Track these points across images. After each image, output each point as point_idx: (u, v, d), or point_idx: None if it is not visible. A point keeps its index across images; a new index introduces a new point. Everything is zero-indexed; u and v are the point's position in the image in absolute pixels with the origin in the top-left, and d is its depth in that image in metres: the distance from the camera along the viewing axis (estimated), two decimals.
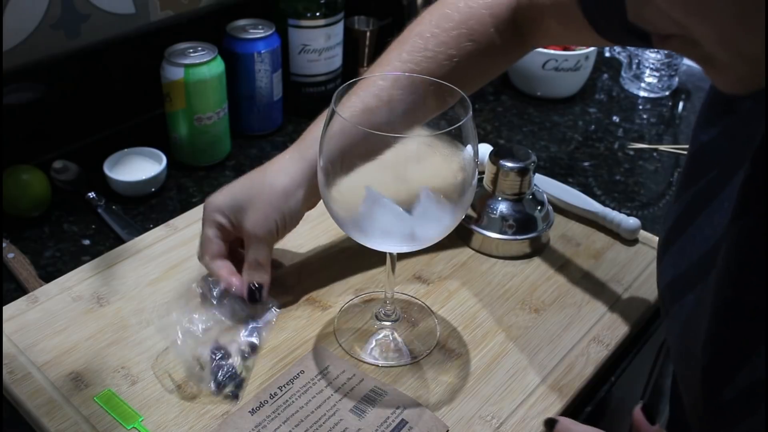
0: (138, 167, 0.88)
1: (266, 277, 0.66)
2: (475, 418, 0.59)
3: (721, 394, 0.41)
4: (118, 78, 0.95)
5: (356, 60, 1.12)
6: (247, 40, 0.92)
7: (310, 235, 0.78)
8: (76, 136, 0.94)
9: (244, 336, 0.63)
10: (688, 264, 0.46)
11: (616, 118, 1.09)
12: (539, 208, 0.78)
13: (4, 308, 0.67)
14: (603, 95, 1.16)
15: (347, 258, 0.75)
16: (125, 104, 0.98)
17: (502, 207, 0.77)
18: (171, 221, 0.80)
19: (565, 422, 0.53)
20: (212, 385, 0.59)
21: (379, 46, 1.13)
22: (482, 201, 0.77)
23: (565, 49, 1.11)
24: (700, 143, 0.48)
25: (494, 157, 0.76)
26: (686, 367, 0.46)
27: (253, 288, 0.65)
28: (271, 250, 0.66)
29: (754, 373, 0.39)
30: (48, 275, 0.74)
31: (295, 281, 0.72)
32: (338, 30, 1.01)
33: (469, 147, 0.54)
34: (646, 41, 0.44)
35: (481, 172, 0.81)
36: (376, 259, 0.75)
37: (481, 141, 0.95)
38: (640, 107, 1.13)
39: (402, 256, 0.75)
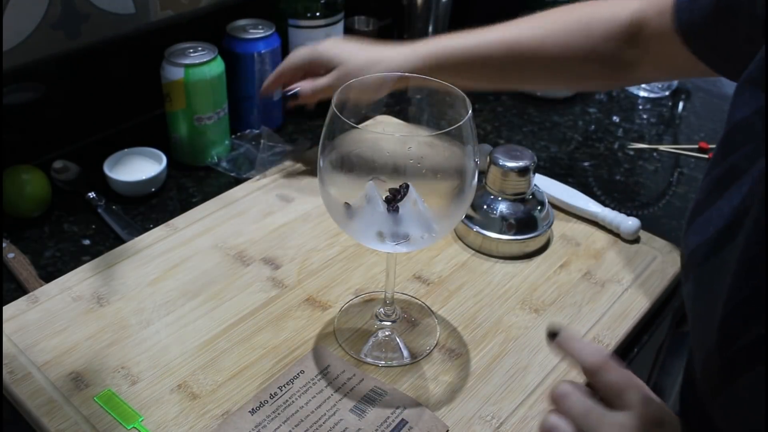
0: (138, 167, 0.88)
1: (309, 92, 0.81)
2: (475, 418, 0.59)
3: (735, 344, 0.42)
4: (118, 78, 0.95)
5: None
6: (247, 40, 0.92)
7: (310, 234, 0.78)
8: (76, 136, 0.94)
9: None
10: (714, 231, 0.46)
11: (616, 118, 1.09)
12: (539, 208, 0.78)
13: (4, 308, 0.67)
14: (603, 95, 1.16)
15: (347, 258, 0.75)
16: (125, 104, 0.98)
17: (502, 207, 0.77)
18: (171, 221, 0.80)
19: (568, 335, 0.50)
20: None
21: None
22: (482, 201, 0.77)
23: None
24: (734, 121, 0.48)
25: (494, 157, 0.76)
26: (702, 326, 0.46)
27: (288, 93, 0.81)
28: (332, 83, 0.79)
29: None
30: (48, 275, 0.74)
31: (295, 281, 0.72)
32: (338, 30, 1.01)
33: (469, 147, 0.54)
34: None
35: (481, 172, 0.81)
36: (376, 259, 0.75)
37: (481, 141, 0.95)
38: (640, 107, 1.13)
39: (402, 256, 0.75)
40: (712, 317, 0.44)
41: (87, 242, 0.80)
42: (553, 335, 0.50)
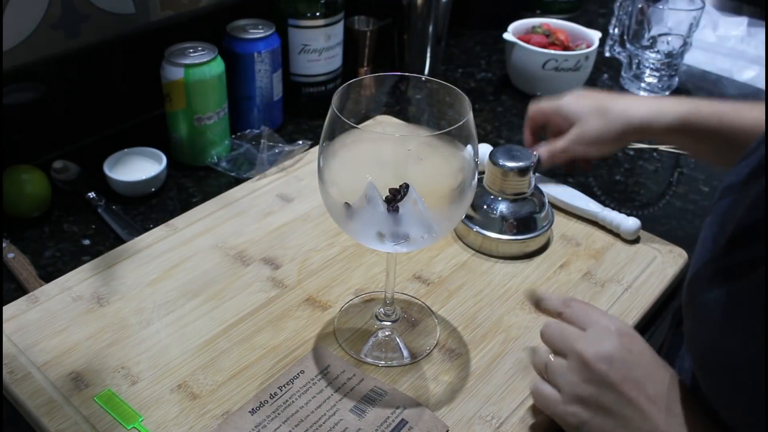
0: (138, 167, 0.88)
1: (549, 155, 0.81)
2: (475, 418, 0.59)
3: (736, 254, 0.46)
4: (118, 78, 0.95)
5: (356, 60, 1.12)
6: (247, 40, 0.92)
7: (310, 235, 0.78)
8: (76, 136, 0.94)
9: None
10: (748, 170, 0.49)
11: None
12: (539, 208, 0.78)
13: (4, 308, 0.67)
14: None
15: (347, 258, 0.75)
16: (125, 104, 0.98)
17: (502, 207, 0.77)
18: (171, 221, 0.80)
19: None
20: None
21: (379, 46, 1.14)
22: (482, 201, 0.77)
23: (565, 49, 1.11)
24: None
25: (494, 157, 0.76)
26: (710, 243, 0.49)
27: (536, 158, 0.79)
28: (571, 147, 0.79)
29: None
30: (48, 275, 0.74)
31: (295, 281, 0.72)
32: (338, 30, 1.01)
33: (469, 147, 0.54)
34: None
35: (481, 172, 0.81)
36: (376, 259, 0.75)
37: (481, 141, 0.95)
38: None
39: (402, 256, 0.75)
40: (713, 240, 0.48)
41: (87, 242, 0.80)
42: (539, 303, 0.60)
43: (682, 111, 0.73)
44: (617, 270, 0.75)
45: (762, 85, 1.19)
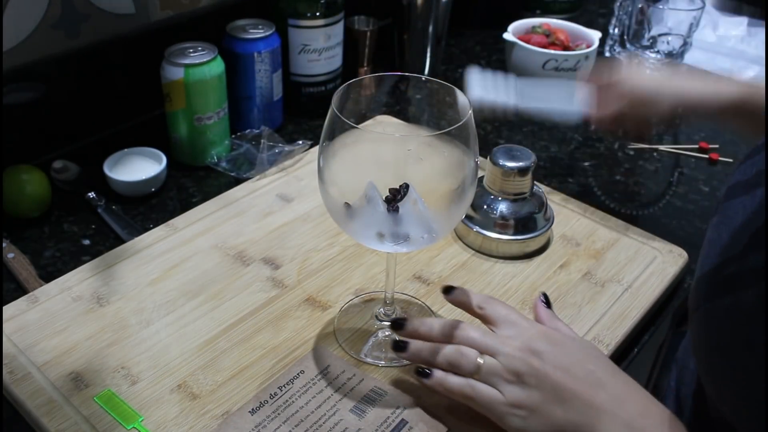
0: (138, 167, 0.88)
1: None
2: (476, 418, 0.59)
3: (732, 266, 0.47)
4: (118, 78, 0.95)
5: (356, 60, 1.12)
6: (247, 40, 0.92)
7: (310, 234, 0.78)
8: (76, 136, 0.94)
9: None
10: (754, 173, 0.50)
11: None
12: (539, 208, 0.78)
13: (4, 308, 0.67)
14: None
15: (347, 258, 0.75)
16: (125, 104, 0.98)
17: (502, 207, 0.77)
18: (171, 221, 0.80)
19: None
20: None
21: (379, 46, 1.14)
22: (482, 201, 0.77)
23: (565, 49, 1.11)
24: None
25: (494, 157, 0.76)
26: (711, 250, 0.50)
27: None
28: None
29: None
30: (48, 275, 0.74)
31: (295, 281, 0.72)
32: (338, 30, 1.01)
33: (469, 147, 0.54)
34: None
35: (480, 170, 0.80)
36: (376, 259, 0.75)
37: (481, 141, 0.95)
38: None
39: (402, 256, 0.75)
40: (721, 243, 0.49)
41: (87, 242, 0.80)
42: (448, 290, 0.61)
43: (738, 92, 0.72)
44: (617, 270, 0.75)
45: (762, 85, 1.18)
